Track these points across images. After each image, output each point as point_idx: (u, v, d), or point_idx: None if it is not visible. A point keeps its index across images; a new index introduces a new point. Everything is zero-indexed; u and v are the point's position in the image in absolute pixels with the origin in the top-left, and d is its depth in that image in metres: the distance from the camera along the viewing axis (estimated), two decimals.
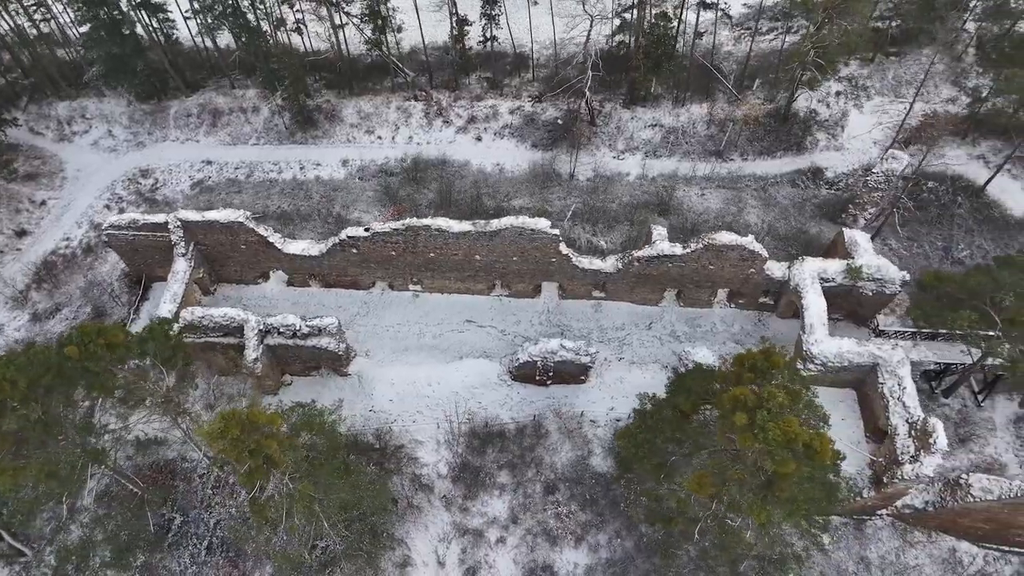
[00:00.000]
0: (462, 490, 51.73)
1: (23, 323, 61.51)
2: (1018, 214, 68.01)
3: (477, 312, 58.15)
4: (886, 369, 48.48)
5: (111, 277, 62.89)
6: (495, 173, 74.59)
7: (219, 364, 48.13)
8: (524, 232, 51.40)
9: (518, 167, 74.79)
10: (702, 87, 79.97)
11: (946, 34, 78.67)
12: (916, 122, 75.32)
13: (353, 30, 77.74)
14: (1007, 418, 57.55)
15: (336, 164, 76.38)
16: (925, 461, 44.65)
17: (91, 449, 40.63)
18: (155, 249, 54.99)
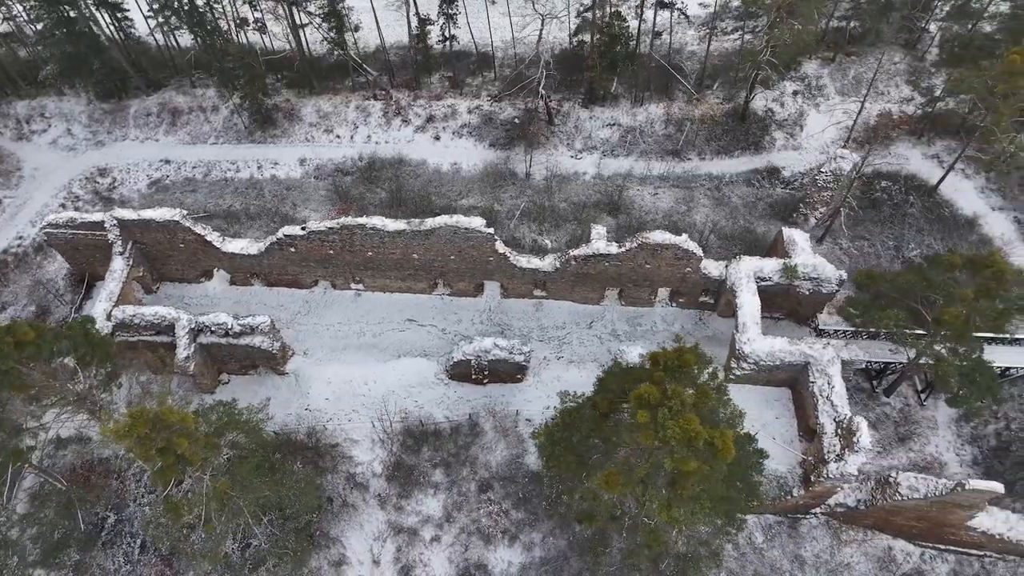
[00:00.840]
0: (397, 489, 51.81)
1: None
2: (968, 213, 68.07)
3: (419, 311, 58.22)
4: (817, 368, 48.52)
5: (57, 276, 62.98)
6: (451, 172, 74.65)
7: (152, 362, 48.22)
8: (459, 231, 51.46)
9: (474, 166, 74.83)
10: (662, 87, 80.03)
11: (893, 35, 78.77)
12: (873, 122, 75.43)
13: (312, 29, 77.80)
14: (949, 417, 57.64)
15: (293, 163, 76.44)
16: (849, 460, 44.69)
17: (14, 448, 40.71)
18: (96, 248, 55.06)
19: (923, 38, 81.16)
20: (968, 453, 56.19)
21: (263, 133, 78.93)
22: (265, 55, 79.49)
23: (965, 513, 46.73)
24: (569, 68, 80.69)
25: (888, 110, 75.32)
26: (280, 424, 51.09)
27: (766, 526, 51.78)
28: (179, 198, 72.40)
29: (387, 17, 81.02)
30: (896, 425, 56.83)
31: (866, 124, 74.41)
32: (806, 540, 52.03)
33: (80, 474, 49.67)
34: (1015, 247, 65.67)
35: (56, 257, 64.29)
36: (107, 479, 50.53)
